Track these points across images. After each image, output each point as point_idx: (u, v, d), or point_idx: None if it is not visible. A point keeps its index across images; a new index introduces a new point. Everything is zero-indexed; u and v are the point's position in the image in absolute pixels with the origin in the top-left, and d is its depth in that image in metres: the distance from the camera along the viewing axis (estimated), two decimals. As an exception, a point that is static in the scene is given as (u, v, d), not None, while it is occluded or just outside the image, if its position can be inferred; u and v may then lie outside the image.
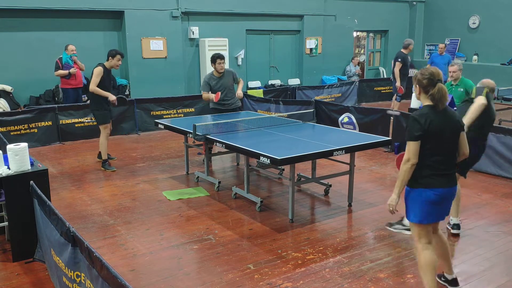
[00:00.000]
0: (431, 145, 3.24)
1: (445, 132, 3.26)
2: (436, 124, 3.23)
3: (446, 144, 3.29)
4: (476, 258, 4.23)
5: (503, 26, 13.91)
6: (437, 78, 3.28)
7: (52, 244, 3.37)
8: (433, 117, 3.24)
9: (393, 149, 7.99)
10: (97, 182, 6.55)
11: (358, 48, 16.48)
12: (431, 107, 3.30)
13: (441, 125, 3.25)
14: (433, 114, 3.26)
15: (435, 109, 3.29)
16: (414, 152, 3.24)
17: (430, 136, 3.22)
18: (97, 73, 6.78)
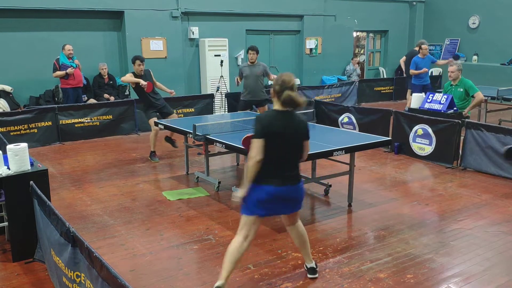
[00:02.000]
0: (270, 145, 3.40)
1: (285, 135, 3.46)
2: (276, 126, 3.43)
3: (285, 146, 3.48)
4: (476, 258, 4.23)
5: (503, 26, 13.91)
6: (286, 85, 3.44)
7: (52, 244, 3.37)
8: (274, 120, 3.46)
9: (393, 149, 8.00)
10: (97, 182, 6.55)
11: (358, 48, 16.48)
12: (277, 111, 3.51)
13: (281, 128, 3.44)
14: (276, 117, 3.48)
15: (281, 113, 3.49)
16: (257, 148, 3.40)
17: (270, 137, 3.40)
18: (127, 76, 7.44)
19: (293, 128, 3.51)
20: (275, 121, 3.45)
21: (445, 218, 5.18)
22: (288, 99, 3.43)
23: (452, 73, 7.57)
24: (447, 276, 3.94)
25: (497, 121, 9.72)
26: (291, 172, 3.56)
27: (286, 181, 3.52)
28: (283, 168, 3.52)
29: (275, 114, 3.51)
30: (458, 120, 7.05)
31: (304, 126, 3.59)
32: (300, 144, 3.58)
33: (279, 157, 3.48)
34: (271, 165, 3.46)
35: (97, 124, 9.38)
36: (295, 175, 3.61)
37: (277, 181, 3.49)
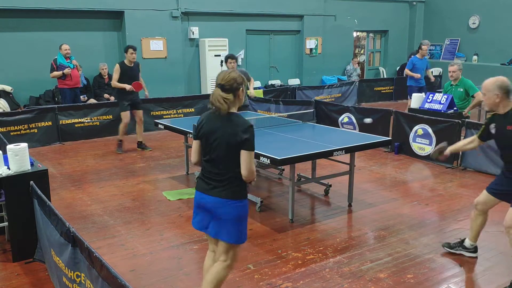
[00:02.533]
0: (202, 147, 3.17)
1: (212, 138, 3.07)
2: (206, 128, 3.11)
3: (213, 151, 3.08)
4: (476, 258, 4.22)
5: (503, 26, 13.91)
6: (217, 82, 3.07)
7: (52, 244, 3.37)
8: (207, 121, 3.13)
9: (393, 149, 8.00)
10: (97, 182, 6.55)
11: (358, 48, 16.48)
12: (213, 112, 3.14)
13: (210, 131, 3.08)
14: (209, 118, 3.14)
15: (214, 114, 3.11)
16: (193, 151, 3.23)
17: (201, 138, 3.15)
18: (115, 70, 7.78)
19: (224, 132, 3.03)
20: (206, 123, 3.12)
21: (445, 218, 5.18)
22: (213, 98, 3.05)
23: (453, 73, 7.56)
24: (447, 276, 3.94)
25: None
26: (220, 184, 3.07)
27: (209, 190, 3.10)
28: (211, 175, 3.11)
29: (210, 115, 3.14)
30: (458, 120, 7.05)
31: (238, 131, 3.01)
32: (229, 152, 3.03)
33: (208, 162, 3.12)
34: (203, 168, 3.18)
35: (97, 124, 9.38)
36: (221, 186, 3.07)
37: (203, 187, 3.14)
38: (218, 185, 3.07)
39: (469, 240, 4.23)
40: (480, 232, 4.19)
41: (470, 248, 4.24)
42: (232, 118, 3.06)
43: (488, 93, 3.75)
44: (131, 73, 7.82)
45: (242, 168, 3.02)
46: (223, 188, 3.06)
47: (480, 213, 4.11)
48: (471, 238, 4.21)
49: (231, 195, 3.05)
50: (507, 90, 3.71)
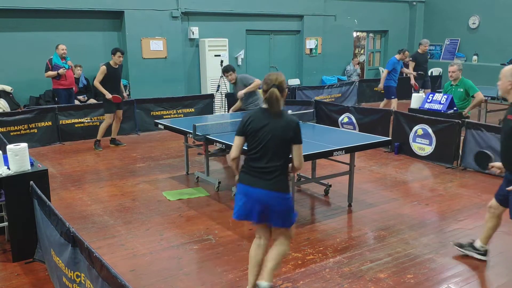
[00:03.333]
0: (248, 143, 3.39)
1: (262, 134, 3.31)
2: (255, 125, 3.33)
3: (263, 146, 3.31)
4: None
5: (503, 26, 13.91)
6: (273, 83, 3.33)
7: (52, 244, 3.37)
8: (255, 119, 3.35)
9: (393, 149, 8.00)
10: (97, 182, 6.55)
11: (358, 48, 16.48)
12: (262, 109, 3.39)
13: (260, 127, 3.31)
14: (258, 116, 3.36)
15: (265, 112, 3.36)
16: (234, 146, 3.43)
17: (248, 135, 3.37)
18: (100, 71, 8.01)
19: (275, 128, 3.30)
20: (255, 121, 3.34)
21: (445, 218, 5.18)
22: (271, 98, 3.30)
23: (452, 73, 7.57)
24: (447, 276, 3.94)
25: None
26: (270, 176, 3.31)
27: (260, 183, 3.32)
28: (260, 169, 3.33)
29: (258, 113, 3.38)
30: (458, 120, 7.05)
31: (289, 128, 3.33)
32: (279, 146, 3.32)
33: (257, 157, 3.34)
34: (249, 163, 3.40)
35: (97, 124, 9.35)
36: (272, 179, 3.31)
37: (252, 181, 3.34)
38: (267, 177, 3.32)
39: (480, 242, 4.17)
40: (491, 235, 4.13)
41: (480, 250, 4.16)
42: (282, 115, 3.36)
43: (503, 78, 3.76)
44: (115, 74, 8.13)
45: (295, 160, 3.40)
46: (273, 181, 3.31)
47: (492, 216, 4.08)
48: (482, 239, 4.16)
49: (281, 189, 3.34)
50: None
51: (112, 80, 8.05)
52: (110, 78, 8.01)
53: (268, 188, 3.30)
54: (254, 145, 3.35)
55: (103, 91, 8.01)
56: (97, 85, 8.00)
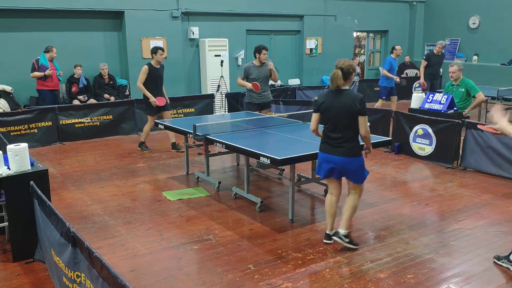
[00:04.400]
0: (323, 118, 4.28)
1: (334, 110, 4.16)
2: (327, 103, 4.22)
3: (335, 120, 4.16)
4: (476, 258, 4.23)
5: (503, 26, 13.90)
6: (339, 66, 4.15)
7: (52, 244, 3.37)
8: (326, 99, 4.25)
9: (393, 149, 7.99)
10: (97, 182, 6.55)
11: (358, 48, 16.48)
12: (330, 90, 4.27)
13: (331, 104, 4.18)
14: (327, 95, 4.28)
15: (332, 91, 4.24)
16: (312, 121, 4.38)
17: (321, 112, 4.27)
18: (142, 72, 7.75)
19: (340, 104, 4.11)
20: (325, 99, 4.23)
21: (445, 218, 5.18)
22: (333, 76, 4.14)
23: (453, 74, 7.56)
24: (448, 276, 3.94)
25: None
26: (343, 145, 4.17)
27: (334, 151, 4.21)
28: (333, 139, 4.21)
29: (327, 93, 4.31)
30: (458, 120, 7.05)
31: (351, 101, 4.07)
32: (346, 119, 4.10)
33: (329, 129, 4.21)
34: (324, 135, 4.30)
35: (97, 124, 9.39)
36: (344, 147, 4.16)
37: (328, 149, 4.25)
38: (341, 145, 4.18)
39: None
40: None
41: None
42: (347, 93, 4.16)
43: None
44: (157, 74, 7.83)
45: (361, 130, 4.13)
46: (345, 148, 4.18)
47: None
48: None
49: (353, 154, 4.20)
50: None
51: (154, 81, 7.80)
52: (152, 79, 7.76)
53: (342, 155, 4.18)
54: (328, 119, 4.22)
55: (147, 94, 7.73)
56: (140, 87, 7.76)
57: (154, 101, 7.71)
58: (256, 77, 7.27)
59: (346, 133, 4.15)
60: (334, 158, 4.22)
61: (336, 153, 4.20)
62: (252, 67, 7.34)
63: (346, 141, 4.16)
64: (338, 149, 4.19)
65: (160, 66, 7.88)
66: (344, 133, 4.15)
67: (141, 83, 7.73)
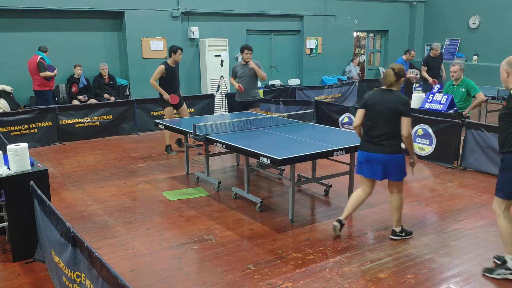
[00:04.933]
0: (367, 115, 4.40)
1: (377, 108, 4.29)
2: (373, 100, 4.35)
3: (379, 117, 4.27)
4: (476, 258, 4.23)
5: (503, 26, 13.90)
6: (392, 67, 4.32)
7: (52, 244, 3.37)
8: (372, 96, 4.40)
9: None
10: (97, 182, 6.55)
11: (358, 48, 16.48)
12: (380, 89, 4.41)
13: (377, 102, 4.30)
14: (374, 94, 4.41)
15: (382, 91, 4.38)
16: (357, 116, 4.50)
17: (366, 109, 4.39)
18: (158, 71, 7.76)
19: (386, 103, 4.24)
20: (372, 97, 4.37)
21: (445, 218, 5.18)
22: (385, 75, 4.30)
23: (454, 73, 7.56)
24: (448, 276, 3.94)
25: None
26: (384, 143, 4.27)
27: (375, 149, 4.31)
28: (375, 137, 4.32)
29: (375, 91, 4.43)
30: (458, 120, 7.05)
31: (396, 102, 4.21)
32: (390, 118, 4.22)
33: (371, 127, 4.33)
34: (366, 133, 4.41)
35: (97, 124, 9.38)
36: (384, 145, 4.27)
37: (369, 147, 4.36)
38: (382, 143, 4.29)
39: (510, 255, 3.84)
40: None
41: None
42: (394, 93, 4.32)
43: (501, 69, 4.27)
44: (173, 73, 7.92)
45: (403, 131, 4.22)
46: (386, 146, 4.28)
47: None
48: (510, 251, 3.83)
49: (394, 151, 4.29)
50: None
51: (170, 80, 7.85)
52: (168, 78, 7.81)
53: (384, 152, 4.28)
54: (372, 116, 4.32)
55: (160, 91, 7.80)
56: (153, 84, 7.79)
57: (168, 98, 7.76)
58: (241, 75, 7.67)
59: (386, 131, 4.25)
60: (376, 156, 4.31)
61: (377, 151, 4.30)
62: (238, 66, 7.80)
63: (387, 139, 4.26)
64: (379, 146, 4.29)
65: (176, 65, 7.96)
66: (385, 130, 4.25)
67: (154, 81, 7.77)
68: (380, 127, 4.28)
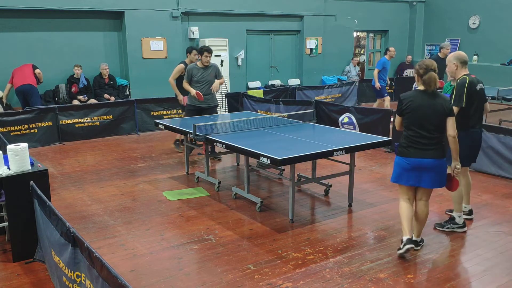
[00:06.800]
0: (410, 120, 4.11)
1: (423, 111, 4.03)
2: (416, 104, 4.05)
3: (425, 121, 4.03)
4: (477, 258, 4.23)
5: (503, 26, 13.91)
6: (430, 67, 4.04)
7: (52, 244, 3.37)
8: (414, 98, 4.08)
9: (393, 149, 7.99)
10: (97, 182, 6.55)
11: (358, 48, 16.49)
12: (418, 91, 4.12)
13: (421, 105, 4.03)
14: (416, 97, 4.09)
15: (422, 93, 4.08)
16: (397, 123, 4.32)
17: (408, 113, 4.10)
18: (177, 69, 7.70)
19: (433, 105, 4.01)
20: (415, 100, 4.07)
21: (445, 218, 5.17)
22: (432, 78, 4.00)
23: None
24: (447, 276, 3.94)
25: (497, 121, 9.73)
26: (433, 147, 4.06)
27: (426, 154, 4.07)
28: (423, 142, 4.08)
29: (415, 94, 4.11)
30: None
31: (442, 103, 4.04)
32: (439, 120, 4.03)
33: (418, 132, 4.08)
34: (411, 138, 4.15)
35: (97, 124, 9.39)
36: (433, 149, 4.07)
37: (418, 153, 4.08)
38: (430, 148, 4.07)
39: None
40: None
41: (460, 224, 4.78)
42: (437, 93, 4.09)
43: (449, 63, 4.79)
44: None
45: (450, 130, 4.08)
46: (435, 150, 4.07)
47: None
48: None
49: (441, 155, 4.12)
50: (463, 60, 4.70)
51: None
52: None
53: (434, 157, 4.06)
54: (416, 121, 4.06)
55: (175, 91, 7.76)
56: (171, 82, 7.75)
57: (181, 100, 7.65)
58: (199, 80, 7.12)
59: (436, 134, 4.06)
60: (425, 161, 4.06)
61: (428, 156, 4.06)
62: (195, 69, 7.13)
63: (436, 143, 4.08)
64: (429, 151, 4.06)
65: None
66: (434, 134, 4.06)
67: (173, 79, 7.73)
68: (429, 130, 4.04)
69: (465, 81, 4.60)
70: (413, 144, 4.11)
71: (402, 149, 4.19)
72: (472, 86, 4.60)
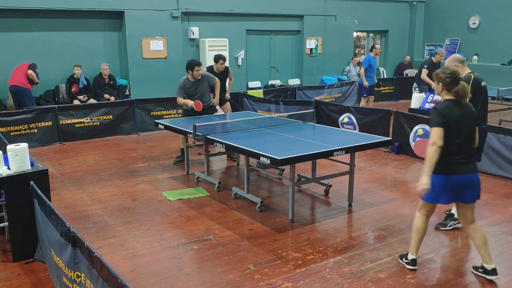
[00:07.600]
0: (452, 134, 3.65)
1: (462, 123, 3.70)
2: (454, 116, 3.67)
3: (465, 133, 3.72)
4: (477, 258, 4.22)
5: (503, 26, 13.91)
6: (459, 77, 3.78)
7: (52, 244, 3.37)
8: (452, 110, 3.69)
9: (393, 149, 8.00)
10: (97, 182, 6.55)
11: (358, 48, 16.48)
12: (451, 101, 3.74)
13: (459, 117, 3.69)
14: (453, 108, 3.71)
15: (455, 103, 3.73)
16: (439, 137, 3.60)
17: (449, 125, 3.64)
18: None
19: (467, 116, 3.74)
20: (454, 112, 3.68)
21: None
22: (466, 89, 3.77)
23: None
24: (447, 276, 3.94)
25: (497, 121, 9.73)
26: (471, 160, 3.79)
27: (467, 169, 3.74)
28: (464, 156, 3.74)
29: (451, 105, 3.72)
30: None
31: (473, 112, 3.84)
32: (472, 131, 3.79)
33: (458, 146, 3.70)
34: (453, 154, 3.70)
35: (97, 124, 9.39)
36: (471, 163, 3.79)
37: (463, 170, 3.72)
38: (471, 161, 3.79)
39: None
40: None
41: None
42: (469, 105, 3.84)
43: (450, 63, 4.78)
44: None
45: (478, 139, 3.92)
46: (474, 163, 3.81)
47: None
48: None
49: (477, 167, 3.86)
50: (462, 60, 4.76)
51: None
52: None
53: (474, 170, 3.79)
54: (457, 133, 3.67)
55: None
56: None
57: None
58: (193, 93, 7.10)
59: (471, 147, 3.81)
60: (471, 176, 3.75)
61: (471, 170, 3.76)
62: (187, 84, 7.11)
63: (472, 155, 3.81)
64: (470, 165, 3.76)
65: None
66: (471, 146, 3.80)
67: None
68: (467, 143, 3.75)
69: (470, 78, 4.64)
70: (458, 160, 3.72)
71: (443, 168, 3.68)
72: (477, 82, 4.66)
